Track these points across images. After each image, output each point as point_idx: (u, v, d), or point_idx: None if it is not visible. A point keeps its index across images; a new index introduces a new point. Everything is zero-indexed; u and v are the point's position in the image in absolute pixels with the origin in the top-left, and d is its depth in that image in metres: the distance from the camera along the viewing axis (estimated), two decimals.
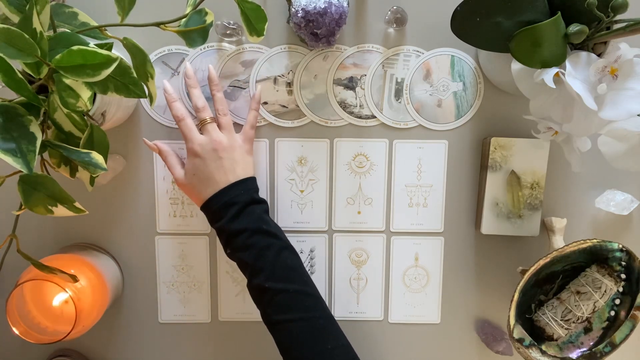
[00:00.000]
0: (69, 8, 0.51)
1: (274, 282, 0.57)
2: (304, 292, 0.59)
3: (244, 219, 0.59)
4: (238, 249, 0.59)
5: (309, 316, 0.58)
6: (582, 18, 0.52)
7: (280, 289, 0.57)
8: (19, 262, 0.51)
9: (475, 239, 0.72)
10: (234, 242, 0.59)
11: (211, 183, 0.60)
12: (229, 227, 0.59)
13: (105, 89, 0.45)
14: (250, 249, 0.58)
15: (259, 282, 0.58)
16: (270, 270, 0.58)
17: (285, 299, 0.58)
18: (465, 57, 0.68)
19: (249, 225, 0.59)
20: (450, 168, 0.70)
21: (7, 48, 0.40)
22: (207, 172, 0.60)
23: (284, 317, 0.57)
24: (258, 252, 0.58)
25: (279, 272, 0.58)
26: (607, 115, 0.52)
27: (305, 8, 0.60)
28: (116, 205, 0.69)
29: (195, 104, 0.63)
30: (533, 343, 0.62)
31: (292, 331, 0.57)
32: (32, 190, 0.45)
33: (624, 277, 0.63)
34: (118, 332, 0.72)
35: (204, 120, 0.62)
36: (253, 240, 0.58)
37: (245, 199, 0.60)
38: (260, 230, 0.59)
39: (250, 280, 0.59)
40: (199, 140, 0.61)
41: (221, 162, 0.60)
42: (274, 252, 0.59)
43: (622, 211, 0.69)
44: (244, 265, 0.59)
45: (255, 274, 0.58)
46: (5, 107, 0.42)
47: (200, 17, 0.51)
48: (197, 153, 0.60)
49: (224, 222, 0.59)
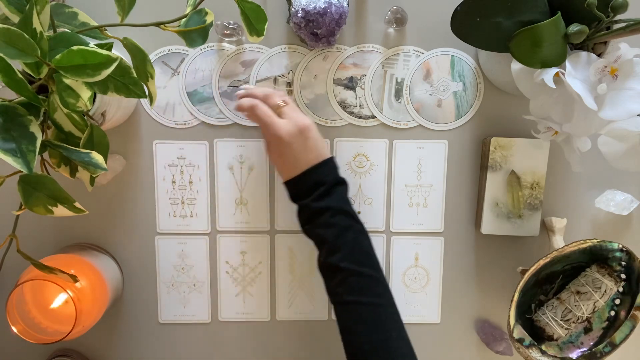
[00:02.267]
0: (69, 8, 0.51)
1: (349, 263, 0.58)
2: (375, 278, 0.59)
3: (329, 199, 0.60)
4: (319, 225, 0.60)
5: (378, 302, 0.58)
6: (582, 18, 0.52)
7: (355, 271, 0.58)
8: (19, 262, 0.51)
9: (475, 239, 0.72)
10: (317, 219, 0.60)
11: (299, 164, 0.60)
12: (315, 205, 0.59)
13: (105, 89, 0.45)
14: (332, 227, 0.59)
15: (335, 261, 0.58)
16: (348, 250, 0.59)
17: (358, 282, 0.58)
18: (465, 57, 0.68)
19: (333, 205, 0.59)
20: (450, 168, 0.70)
21: (7, 48, 0.40)
22: (294, 155, 0.60)
23: (354, 299, 0.58)
24: (338, 231, 0.59)
25: (355, 254, 0.59)
26: (607, 115, 0.52)
27: (305, 8, 0.60)
28: (116, 205, 0.69)
29: (261, 93, 0.62)
30: (533, 343, 0.62)
31: (362, 313, 0.57)
32: (32, 190, 0.45)
33: (624, 277, 0.63)
34: (118, 332, 0.72)
35: (277, 105, 0.61)
36: (335, 220, 0.59)
37: (331, 179, 0.61)
38: (342, 211, 0.60)
39: (325, 257, 0.59)
40: (284, 127, 0.60)
41: (307, 142, 0.60)
42: (352, 233, 0.59)
43: (622, 211, 0.69)
44: (322, 242, 0.60)
45: (333, 252, 0.59)
46: (5, 107, 0.42)
47: (200, 17, 0.51)
48: (282, 140, 0.60)
49: (309, 199, 0.60)
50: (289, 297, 0.72)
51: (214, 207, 0.70)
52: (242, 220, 0.70)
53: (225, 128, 0.69)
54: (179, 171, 0.69)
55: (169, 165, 0.69)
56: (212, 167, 0.69)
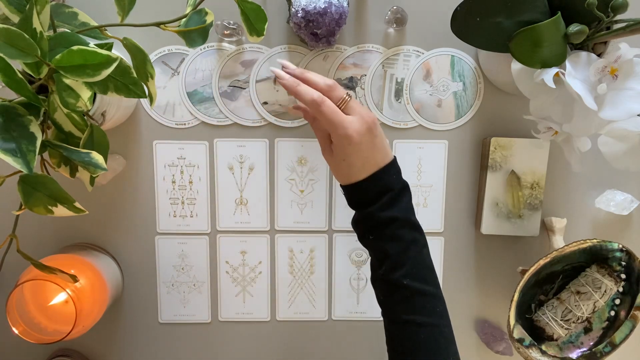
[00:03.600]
0: (69, 8, 0.51)
1: (412, 281, 0.54)
2: (437, 296, 0.55)
3: (395, 207, 0.55)
4: (384, 238, 0.55)
5: (437, 322, 0.54)
6: (582, 18, 0.52)
7: (418, 289, 0.54)
8: (19, 262, 0.51)
9: (475, 239, 0.72)
10: (381, 231, 0.55)
11: (366, 166, 0.55)
12: (380, 214, 0.54)
13: (105, 89, 0.45)
14: (397, 240, 0.54)
15: (398, 278, 0.54)
16: (412, 267, 0.54)
17: (421, 301, 0.54)
18: (465, 57, 0.68)
19: (400, 214, 0.54)
20: (450, 168, 0.70)
21: (7, 48, 0.40)
22: (363, 155, 0.55)
23: (414, 319, 0.54)
24: (404, 246, 0.54)
25: (420, 270, 0.55)
26: (607, 115, 0.52)
27: (305, 8, 0.60)
28: (116, 205, 0.69)
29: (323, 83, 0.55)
30: (533, 343, 0.62)
31: (420, 335, 0.53)
32: (32, 190, 0.45)
33: (624, 277, 0.63)
34: (118, 332, 0.72)
35: (343, 99, 0.55)
36: (401, 232, 0.54)
37: (398, 185, 0.56)
38: (409, 222, 0.55)
39: (387, 272, 0.55)
40: (353, 125, 0.54)
41: (375, 141, 0.55)
42: (417, 247, 0.55)
43: (622, 211, 0.69)
44: (384, 256, 0.55)
45: (396, 268, 0.54)
46: (5, 107, 0.42)
47: (200, 17, 0.51)
48: (352, 140, 0.54)
49: (374, 208, 0.54)
50: (289, 297, 0.72)
51: (214, 207, 0.70)
52: (242, 220, 0.70)
53: (225, 128, 0.69)
54: (179, 171, 0.69)
55: (169, 165, 0.69)
56: (212, 167, 0.69)
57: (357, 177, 0.55)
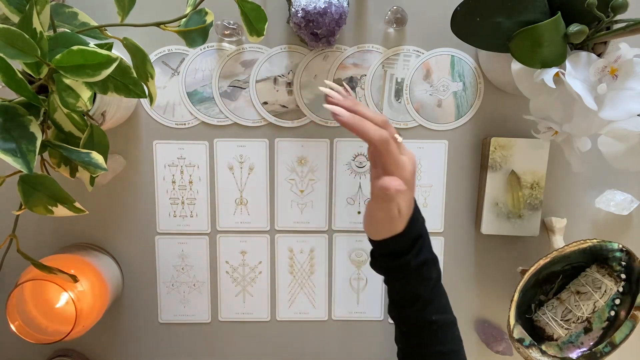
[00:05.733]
0: (69, 8, 0.51)
1: (439, 315, 0.55)
2: (455, 322, 0.58)
3: (425, 250, 0.55)
4: (416, 281, 0.54)
5: (458, 348, 0.57)
6: (582, 18, 0.52)
7: (444, 322, 0.56)
8: (19, 262, 0.51)
9: (475, 239, 0.72)
10: (415, 276, 0.54)
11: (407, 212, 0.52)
12: (414, 261, 0.53)
13: (105, 89, 0.45)
14: (427, 281, 0.55)
15: (427, 316, 0.55)
16: (438, 302, 0.56)
17: (445, 331, 0.56)
18: (465, 57, 0.68)
19: (429, 256, 0.55)
20: (450, 168, 0.70)
21: (7, 48, 0.40)
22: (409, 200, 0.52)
23: (440, 349, 0.55)
24: (433, 285, 0.55)
25: (443, 301, 0.57)
26: (607, 115, 0.52)
27: (305, 8, 0.60)
28: (116, 205, 0.69)
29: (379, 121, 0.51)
30: (533, 343, 0.62)
31: None
32: (32, 190, 0.45)
33: (624, 277, 0.63)
34: (118, 332, 0.72)
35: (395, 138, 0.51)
36: (430, 273, 0.55)
37: (425, 228, 0.55)
38: (434, 260, 0.56)
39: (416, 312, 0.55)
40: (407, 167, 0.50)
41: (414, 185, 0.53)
42: (439, 281, 0.57)
43: (622, 211, 0.69)
44: (415, 298, 0.54)
45: (426, 306, 0.55)
46: (5, 107, 0.42)
47: (200, 17, 0.51)
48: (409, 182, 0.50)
49: (410, 256, 0.53)
50: (289, 297, 0.72)
51: (214, 207, 0.70)
52: (242, 220, 0.70)
53: (225, 128, 0.69)
54: (179, 171, 0.69)
55: (169, 165, 0.69)
56: (212, 167, 0.69)
57: (401, 226, 0.52)
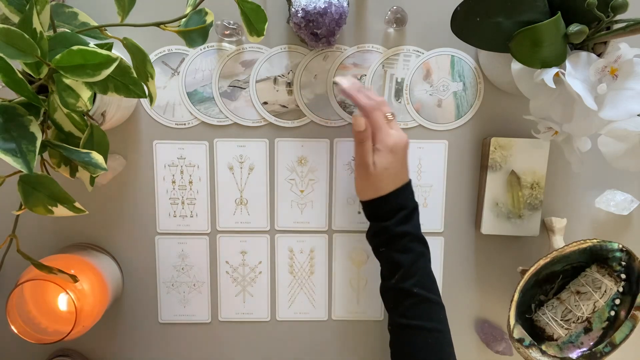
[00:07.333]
0: (69, 8, 0.51)
1: (421, 289, 0.59)
2: (441, 305, 0.61)
3: (409, 223, 0.60)
4: (397, 249, 0.60)
5: (441, 328, 0.60)
6: (582, 18, 0.52)
7: (426, 297, 0.59)
8: (19, 262, 0.51)
9: (475, 239, 0.72)
10: (396, 243, 0.60)
11: (395, 180, 0.60)
12: (396, 228, 0.60)
13: (105, 89, 0.45)
14: (409, 252, 0.60)
15: (408, 286, 0.59)
16: (421, 277, 0.60)
17: (427, 308, 0.59)
18: (465, 57, 0.68)
19: (412, 230, 0.60)
20: (450, 168, 0.70)
21: (7, 48, 0.40)
22: (397, 169, 0.60)
23: (421, 324, 0.59)
24: (414, 257, 0.60)
25: (426, 281, 0.60)
26: (607, 115, 0.52)
27: (305, 8, 0.60)
28: (116, 205, 0.69)
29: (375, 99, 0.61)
30: (533, 343, 0.62)
31: (426, 339, 0.59)
32: (32, 190, 0.45)
33: (624, 277, 0.63)
34: (118, 332, 0.72)
35: (386, 116, 0.61)
36: (412, 245, 0.60)
37: (412, 204, 0.61)
38: (419, 237, 0.61)
39: (399, 281, 0.60)
40: (393, 136, 0.60)
41: (405, 160, 0.61)
42: (424, 260, 0.61)
43: (622, 211, 0.69)
44: (396, 266, 0.60)
45: (407, 277, 0.59)
46: (5, 107, 0.42)
47: (200, 17, 0.51)
48: (391, 148, 0.59)
49: (391, 222, 0.60)
50: (289, 297, 0.72)
51: (214, 207, 0.70)
52: (242, 220, 0.70)
53: (225, 128, 0.69)
54: (179, 171, 0.69)
55: (169, 165, 0.69)
56: (212, 167, 0.69)
57: (385, 189, 0.60)
